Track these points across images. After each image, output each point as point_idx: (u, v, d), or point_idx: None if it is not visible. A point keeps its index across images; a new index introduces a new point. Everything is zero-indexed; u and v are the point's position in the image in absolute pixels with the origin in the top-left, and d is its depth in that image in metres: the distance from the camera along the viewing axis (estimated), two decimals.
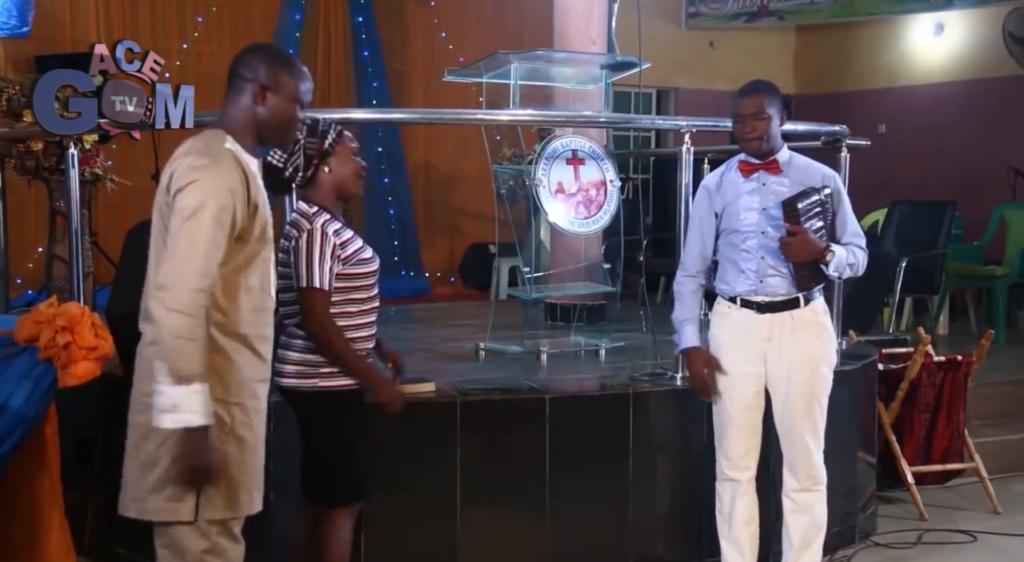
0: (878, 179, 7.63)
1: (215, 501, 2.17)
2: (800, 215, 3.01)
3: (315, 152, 2.65)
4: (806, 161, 3.20)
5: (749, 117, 3.10)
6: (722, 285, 3.21)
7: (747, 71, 9.22)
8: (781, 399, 3.15)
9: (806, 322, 3.12)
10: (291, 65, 2.28)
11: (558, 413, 3.41)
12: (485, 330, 4.53)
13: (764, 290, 3.11)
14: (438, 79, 4.64)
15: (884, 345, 4.70)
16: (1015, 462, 4.90)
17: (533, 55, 4.34)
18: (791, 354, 3.10)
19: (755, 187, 3.13)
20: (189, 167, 2.10)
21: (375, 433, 2.92)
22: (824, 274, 3.07)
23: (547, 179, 4.14)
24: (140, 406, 2.19)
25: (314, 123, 2.68)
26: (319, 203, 2.66)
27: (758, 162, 3.14)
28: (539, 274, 4.58)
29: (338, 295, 2.62)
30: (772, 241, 3.06)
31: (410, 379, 3.44)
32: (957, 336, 6.52)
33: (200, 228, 2.06)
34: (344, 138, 2.71)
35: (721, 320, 3.21)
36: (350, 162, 2.70)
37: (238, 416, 2.20)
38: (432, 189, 8.47)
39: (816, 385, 3.13)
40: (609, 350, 4.41)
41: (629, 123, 5.42)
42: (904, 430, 4.41)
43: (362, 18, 8.06)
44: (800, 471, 3.16)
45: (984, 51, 8.07)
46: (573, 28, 5.52)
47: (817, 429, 3.15)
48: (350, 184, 2.70)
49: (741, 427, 3.17)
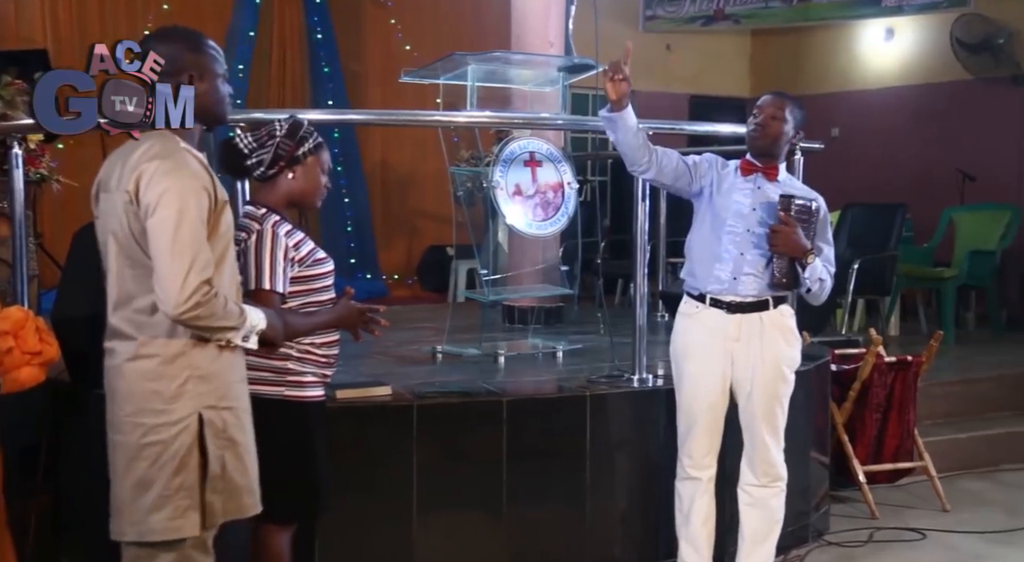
0: (832, 182, 7.69)
1: (217, 508, 2.16)
2: (793, 210, 3.07)
3: (286, 155, 2.58)
4: (802, 186, 3.33)
5: (766, 113, 3.18)
6: (690, 279, 3.23)
7: (704, 74, 9.37)
8: (744, 398, 3.19)
9: (774, 324, 3.15)
10: (203, 43, 2.24)
11: (515, 415, 3.40)
12: (442, 332, 4.51)
13: (735, 290, 3.13)
14: (395, 80, 4.61)
15: (837, 346, 4.76)
16: (963, 460, 4.98)
17: (490, 57, 4.33)
18: (758, 356, 3.14)
19: (750, 188, 3.18)
20: (158, 173, 2.07)
21: (328, 436, 2.88)
22: (798, 278, 3.10)
23: (505, 181, 4.14)
24: (123, 426, 2.15)
25: (297, 125, 2.62)
26: (268, 205, 2.59)
27: (759, 165, 3.20)
28: (497, 276, 4.57)
29: (296, 299, 2.55)
30: (755, 239, 3.10)
31: (366, 383, 3.42)
32: (908, 337, 6.62)
33: (189, 231, 2.05)
34: (320, 151, 2.64)
35: (688, 321, 3.23)
36: (316, 177, 2.64)
37: (229, 419, 2.19)
38: (389, 191, 8.42)
39: (779, 387, 3.17)
40: (567, 352, 4.41)
41: (586, 125, 5.42)
42: (856, 430, 4.47)
43: (317, 18, 7.99)
44: (758, 467, 3.20)
45: (933, 57, 8.21)
46: (531, 30, 5.53)
47: (777, 429, 3.20)
48: (309, 197, 2.64)
49: (705, 427, 3.20)
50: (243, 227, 2.54)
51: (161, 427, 2.11)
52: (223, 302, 2.11)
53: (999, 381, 5.60)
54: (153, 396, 2.12)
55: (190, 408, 2.13)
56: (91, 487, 3.14)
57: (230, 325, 2.14)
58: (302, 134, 2.61)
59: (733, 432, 3.26)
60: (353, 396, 3.26)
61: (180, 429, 2.12)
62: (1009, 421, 5.35)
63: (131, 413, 2.13)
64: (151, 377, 2.13)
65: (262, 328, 2.21)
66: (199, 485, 2.13)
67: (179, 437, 2.12)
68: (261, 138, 2.59)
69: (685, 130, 5.03)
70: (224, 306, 2.11)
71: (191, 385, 2.13)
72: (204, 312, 2.06)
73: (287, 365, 2.55)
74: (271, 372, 2.53)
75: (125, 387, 2.14)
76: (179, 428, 2.12)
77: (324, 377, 2.65)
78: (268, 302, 2.44)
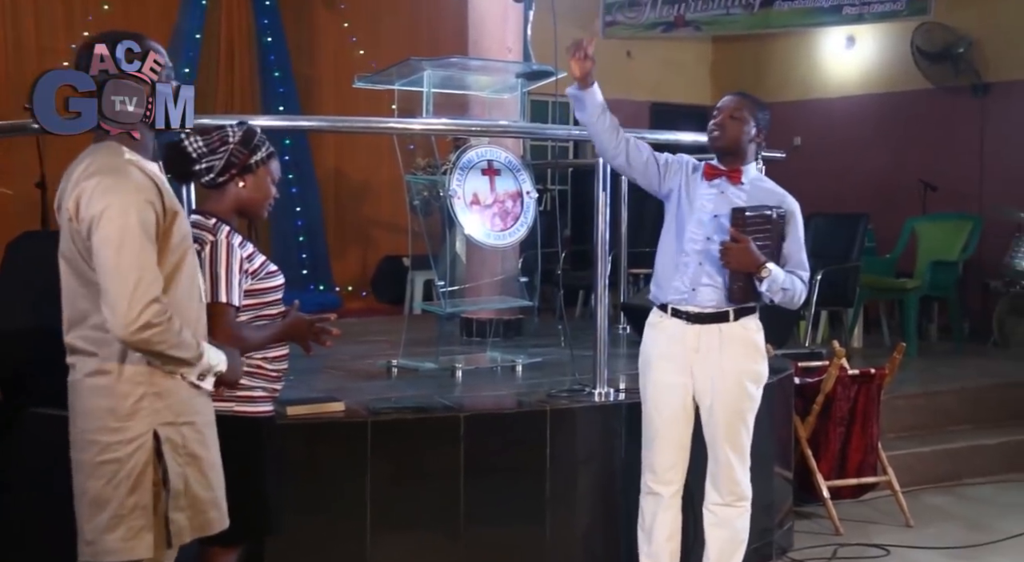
0: (794, 192, 7.76)
1: (183, 525, 2.16)
2: (746, 224, 3.07)
3: (239, 163, 2.56)
4: (772, 185, 3.30)
5: (725, 113, 3.19)
6: (654, 288, 3.27)
7: (665, 81, 9.46)
8: (706, 413, 3.20)
9: (734, 337, 3.17)
10: (148, 45, 2.21)
11: (473, 431, 3.39)
12: (398, 346, 4.49)
13: (694, 300, 3.16)
14: (348, 85, 4.59)
15: (800, 358, 4.81)
16: (926, 475, 5.07)
17: (447, 62, 4.34)
18: (717, 368, 3.15)
19: (713, 193, 3.20)
20: (99, 190, 2.06)
21: (279, 454, 2.85)
22: (757, 291, 3.13)
23: (462, 190, 4.14)
24: (81, 444, 2.15)
25: (251, 133, 2.61)
26: (218, 214, 2.57)
27: (723, 168, 3.21)
28: (454, 288, 4.56)
29: (247, 312, 2.53)
30: (715, 250, 3.12)
31: (318, 398, 3.39)
32: (871, 349, 6.72)
33: (133, 249, 2.03)
34: (271, 161, 2.63)
35: (653, 331, 3.26)
36: (267, 187, 2.63)
37: (190, 434, 2.18)
38: (343, 199, 8.38)
39: (741, 401, 3.18)
40: (526, 366, 4.41)
41: (546, 133, 5.44)
42: (820, 444, 4.52)
43: (267, 20, 7.92)
44: (722, 486, 3.21)
45: (894, 65, 8.37)
46: (488, 35, 5.54)
47: (741, 445, 3.20)
48: (257, 207, 2.63)
49: (668, 439, 3.21)
50: (195, 238, 2.50)
51: (116, 445, 2.11)
52: (177, 329, 2.09)
53: (961, 394, 5.71)
54: (108, 414, 2.12)
55: (145, 425, 2.12)
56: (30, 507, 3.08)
57: (184, 358, 2.13)
58: (256, 142, 2.60)
59: (703, 449, 3.27)
60: (305, 412, 3.24)
61: (135, 447, 2.11)
62: (971, 434, 5.46)
63: (87, 430, 2.13)
64: (106, 394, 2.12)
65: (221, 370, 2.22)
66: (154, 505, 2.13)
67: (134, 455, 2.11)
68: (212, 143, 2.57)
69: (646, 138, 5.04)
70: (178, 334, 2.09)
71: (146, 402, 2.13)
72: (156, 337, 2.04)
73: None
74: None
75: (81, 404, 2.15)
76: (134, 446, 2.11)
77: (274, 392, 2.64)
78: (224, 315, 2.44)
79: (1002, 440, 5.41)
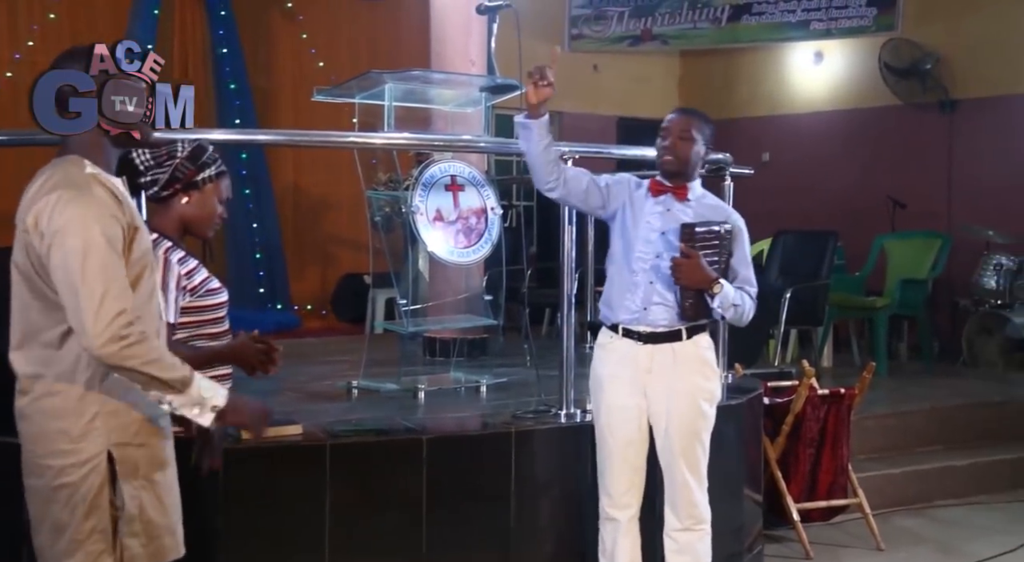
0: (762, 208, 7.87)
1: (137, 552, 2.12)
2: (696, 240, 3.09)
3: (183, 178, 2.57)
4: (717, 201, 3.33)
5: (673, 133, 3.21)
6: (605, 309, 3.27)
7: (632, 96, 9.54)
8: (661, 435, 3.20)
9: (687, 356, 3.18)
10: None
11: (436, 455, 3.37)
12: (358, 367, 4.47)
13: (646, 319, 3.17)
14: (307, 98, 4.58)
15: (769, 378, 4.84)
16: (896, 497, 5.11)
17: (409, 75, 4.35)
18: (671, 388, 3.16)
19: (660, 211, 3.22)
20: (60, 203, 2.03)
21: (233, 480, 2.82)
22: (707, 308, 3.15)
23: (425, 206, 4.14)
24: (35, 469, 2.12)
25: (200, 150, 2.61)
26: (160, 230, 2.56)
27: (669, 185, 3.23)
28: (417, 306, 4.56)
29: (185, 330, 2.52)
30: (664, 267, 3.13)
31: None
32: (841, 368, 6.79)
33: (99, 260, 2.01)
34: (220, 180, 2.63)
35: (603, 351, 3.27)
36: (212, 206, 2.62)
37: (145, 456, 2.15)
38: (302, 215, 8.33)
39: (696, 421, 3.19)
40: (491, 386, 4.41)
41: (511, 148, 5.45)
42: (790, 466, 4.55)
43: (223, 30, 7.88)
44: (681, 509, 3.20)
45: (862, 81, 8.52)
46: (451, 48, 5.56)
47: (698, 467, 3.20)
48: (200, 225, 2.63)
49: (623, 462, 3.21)
50: None
51: (70, 468, 2.08)
52: (154, 345, 2.04)
53: (930, 414, 5.78)
54: (60, 436, 2.09)
55: (99, 446, 2.09)
56: None
57: (163, 378, 2.04)
58: (204, 159, 2.60)
59: (660, 474, 3.26)
60: None
61: (89, 469, 2.08)
62: (941, 455, 5.52)
63: (41, 455, 2.10)
64: (57, 415, 2.09)
65: (219, 406, 2.11)
66: (113, 529, 2.10)
67: (88, 478, 2.08)
68: (160, 157, 2.57)
69: (613, 154, 5.10)
70: (153, 349, 2.03)
71: (100, 421, 2.10)
72: (126, 350, 2.00)
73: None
74: None
75: (32, 428, 2.12)
76: (88, 468, 2.08)
77: None
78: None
79: (972, 461, 5.47)
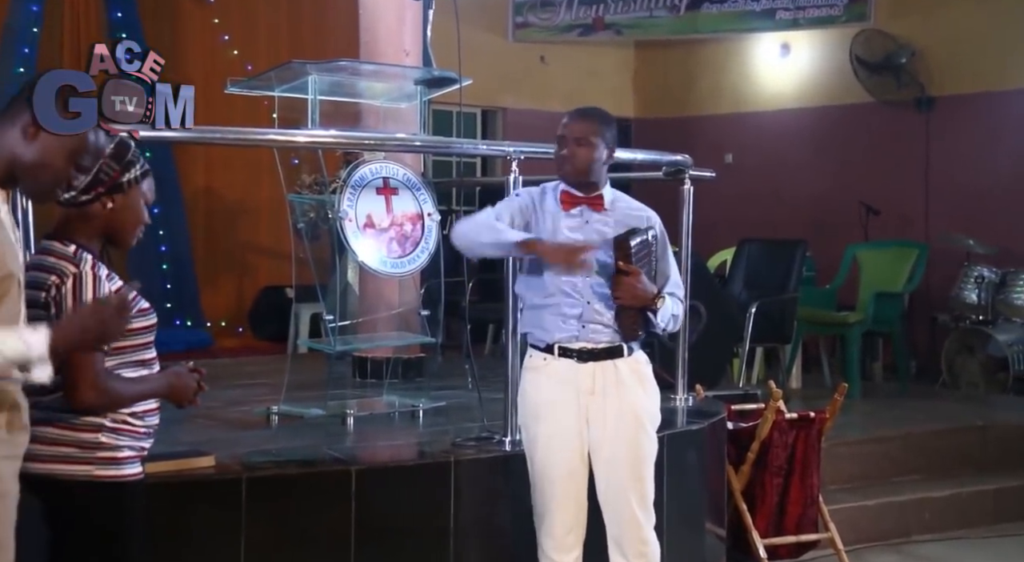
0: (725, 214, 8.02)
1: None
2: (632, 255, 3.12)
3: (108, 180, 2.49)
4: (629, 201, 3.36)
5: (571, 140, 3.23)
6: (536, 331, 3.27)
7: (583, 91, 9.61)
8: (604, 464, 3.20)
9: (632, 372, 3.22)
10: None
11: (367, 487, 3.38)
12: (279, 390, 4.45)
13: (586, 336, 3.19)
14: (220, 90, 4.56)
15: (733, 400, 4.89)
16: (871, 531, 5.17)
17: (335, 66, 4.36)
18: (617, 409, 3.18)
19: (577, 224, 3.24)
20: None
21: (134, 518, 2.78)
22: (650, 324, 3.19)
23: (354, 211, 4.15)
24: None
25: (124, 147, 2.55)
26: (79, 241, 2.49)
27: (582, 195, 3.26)
28: (345, 323, 4.56)
29: (115, 357, 2.45)
30: (596, 284, 3.16)
31: (184, 452, 3.34)
32: (811, 389, 6.85)
33: None
34: (144, 181, 2.57)
35: (536, 375, 3.26)
36: (138, 211, 2.56)
37: None
38: (215, 221, 8.28)
39: (644, 447, 3.21)
40: (428, 411, 4.42)
41: (449, 148, 5.50)
42: (756, 497, 4.60)
43: (121, 12, 7.77)
44: (629, 548, 3.20)
45: (832, 76, 8.65)
46: (383, 38, 5.58)
47: (646, 498, 3.22)
48: (125, 233, 2.56)
49: (566, 498, 3.21)
50: (53, 269, 2.42)
51: None
52: None
53: (907, 440, 5.86)
54: None
55: None
56: None
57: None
58: (130, 158, 2.54)
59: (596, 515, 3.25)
60: (168, 469, 3.18)
61: None
62: (919, 485, 5.56)
63: None
64: None
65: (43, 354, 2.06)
66: None
67: None
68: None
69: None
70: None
71: None
72: None
73: (98, 438, 2.42)
74: (76, 447, 2.41)
75: None
76: None
77: (142, 450, 2.56)
78: (92, 364, 2.35)
79: (953, 491, 5.55)
